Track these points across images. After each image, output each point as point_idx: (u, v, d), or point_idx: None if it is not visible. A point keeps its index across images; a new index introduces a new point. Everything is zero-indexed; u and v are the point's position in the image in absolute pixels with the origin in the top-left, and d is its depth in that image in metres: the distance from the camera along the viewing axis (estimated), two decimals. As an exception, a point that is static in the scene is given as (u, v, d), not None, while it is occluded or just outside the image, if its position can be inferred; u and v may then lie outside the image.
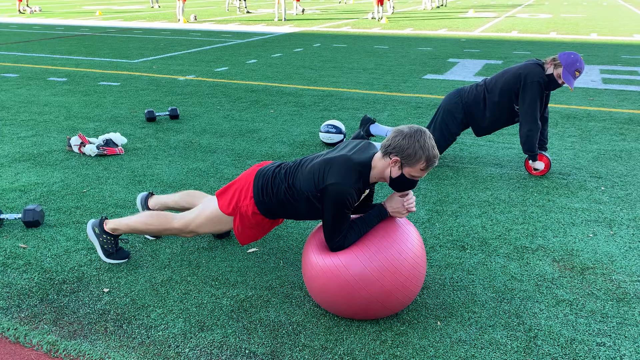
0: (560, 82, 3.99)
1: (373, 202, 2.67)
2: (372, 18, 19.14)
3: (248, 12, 22.34)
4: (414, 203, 2.49)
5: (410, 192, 2.49)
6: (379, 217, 2.46)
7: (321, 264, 2.39)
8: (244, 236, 2.74)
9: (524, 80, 4.01)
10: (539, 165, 4.19)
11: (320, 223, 2.59)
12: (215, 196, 2.80)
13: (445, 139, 4.36)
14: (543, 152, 4.24)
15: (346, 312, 2.42)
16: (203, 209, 2.79)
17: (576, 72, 3.92)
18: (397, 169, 2.37)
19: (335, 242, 2.39)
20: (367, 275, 2.30)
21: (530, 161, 4.21)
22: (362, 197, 2.54)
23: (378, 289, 2.31)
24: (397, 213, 2.48)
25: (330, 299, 2.38)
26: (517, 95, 4.10)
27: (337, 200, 2.34)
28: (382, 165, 2.39)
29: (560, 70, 3.95)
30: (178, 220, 2.82)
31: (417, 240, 2.46)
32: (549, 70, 4.01)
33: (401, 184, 2.42)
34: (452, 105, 4.32)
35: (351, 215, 2.51)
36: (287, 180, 2.56)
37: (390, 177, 2.40)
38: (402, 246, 2.37)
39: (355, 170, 2.37)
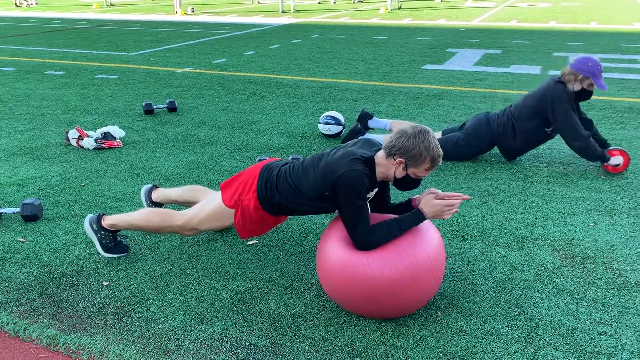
0: (591, 90, 3.95)
1: (403, 202, 2.62)
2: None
3: (259, 2, 22.20)
4: (457, 204, 2.38)
5: (452, 194, 2.40)
6: (415, 221, 2.36)
7: (339, 259, 2.32)
8: (244, 230, 2.72)
9: (552, 103, 3.94)
10: (616, 160, 4.01)
11: (337, 215, 2.57)
12: (219, 191, 2.78)
13: (460, 156, 4.31)
14: (612, 148, 4.08)
15: (361, 311, 2.38)
16: (205, 204, 2.77)
17: (601, 74, 3.90)
18: (401, 169, 2.37)
19: (360, 235, 2.31)
20: (389, 276, 2.24)
21: (611, 161, 4.05)
22: (371, 195, 2.51)
23: (397, 291, 2.26)
24: (438, 215, 2.38)
25: (348, 297, 2.33)
26: (547, 120, 4.04)
27: (351, 186, 2.30)
28: (387, 165, 2.39)
29: (589, 81, 3.90)
30: (180, 217, 2.79)
31: (438, 241, 2.40)
32: (576, 86, 3.94)
33: (405, 184, 2.43)
34: (480, 133, 4.23)
35: (381, 215, 2.49)
36: (293, 179, 2.54)
37: (395, 177, 2.40)
38: (426, 249, 2.30)
39: (361, 160, 2.36)
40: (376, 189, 2.54)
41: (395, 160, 2.35)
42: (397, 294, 2.26)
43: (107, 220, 2.90)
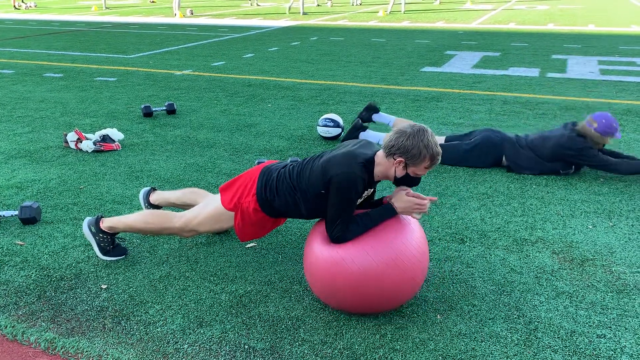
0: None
1: (375, 200, 2.65)
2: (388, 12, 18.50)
3: (258, 5, 22.21)
4: (427, 206, 2.40)
5: (421, 195, 2.43)
6: (385, 214, 2.39)
7: (324, 256, 2.36)
8: (244, 233, 2.72)
9: (580, 155, 3.97)
10: None
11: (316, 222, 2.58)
12: (218, 193, 2.78)
13: (460, 165, 4.30)
14: None
15: (348, 306, 2.40)
16: (205, 206, 2.77)
17: (618, 127, 4.02)
18: (401, 168, 2.39)
19: (336, 231, 2.33)
20: (372, 269, 2.27)
21: None
22: (366, 195, 2.53)
23: (383, 282, 2.29)
24: (407, 213, 2.41)
25: (333, 292, 2.36)
26: (568, 163, 4.05)
27: (344, 187, 2.32)
28: (386, 165, 2.41)
29: (611, 137, 4.00)
30: (179, 219, 2.78)
31: (419, 232, 2.45)
32: (601, 145, 4.03)
33: (406, 183, 2.46)
34: (490, 152, 4.22)
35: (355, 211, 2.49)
36: (292, 180, 2.55)
37: (395, 176, 2.41)
38: (407, 238, 2.35)
39: (359, 161, 2.37)
40: (372, 190, 2.54)
41: (395, 159, 2.37)
42: (381, 286, 2.28)
43: (105, 223, 2.90)
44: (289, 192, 2.54)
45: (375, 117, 4.80)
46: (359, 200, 2.50)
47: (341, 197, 2.33)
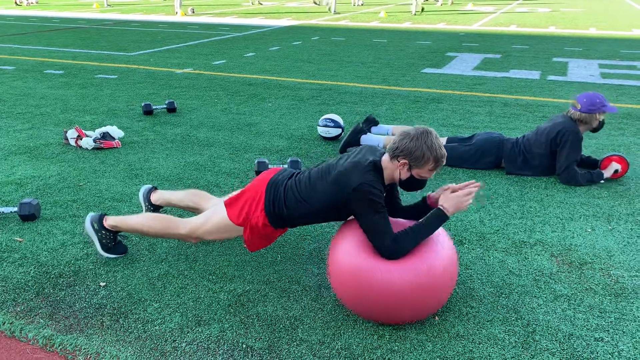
0: (603, 119, 4.01)
1: (418, 202, 2.63)
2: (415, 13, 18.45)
3: (260, 4, 22.20)
4: (471, 197, 2.40)
5: (464, 183, 2.44)
6: (439, 221, 2.35)
7: (356, 266, 2.30)
8: (253, 244, 2.71)
9: (562, 141, 3.95)
10: (612, 169, 3.98)
11: (343, 223, 2.58)
12: (223, 202, 2.75)
13: (459, 166, 4.32)
14: (599, 159, 4.14)
15: (377, 316, 2.37)
16: (211, 215, 2.74)
17: (605, 101, 3.96)
18: (405, 170, 2.39)
19: (386, 247, 2.26)
20: (410, 285, 2.24)
21: (605, 174, 3.99)
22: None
23: (415, 296, 2.25)
24: (459, 208, 2.38)
25: (364, 302, 2.31)
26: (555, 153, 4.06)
27: (367, 199, 2.30)
28: (392, 168, 2.41)
29: (603, 115, 3.97)
30: (184, 225, 2.76)
31: (451, 247, 2.41)
32: (595, 124, 3.99)
33: (411, 185, 2.46)
34: (489, 154, 4.22)
35: (404, 222, 2.47)
36: (301, 195, 2.54)
37: (400, 178, 2.42)
38: (439, 255, 2.32)
39: (370, 169, 2.37)
40: (384, 194, 2.54)
41: (399, 161, 2.37)
42: (417, 298, 2.26)
43: (109, 221, 2.88)
44: (299, 206, 2.54)
45: (373, 129, 4.83)
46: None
47: (369, 208, 2.30)
